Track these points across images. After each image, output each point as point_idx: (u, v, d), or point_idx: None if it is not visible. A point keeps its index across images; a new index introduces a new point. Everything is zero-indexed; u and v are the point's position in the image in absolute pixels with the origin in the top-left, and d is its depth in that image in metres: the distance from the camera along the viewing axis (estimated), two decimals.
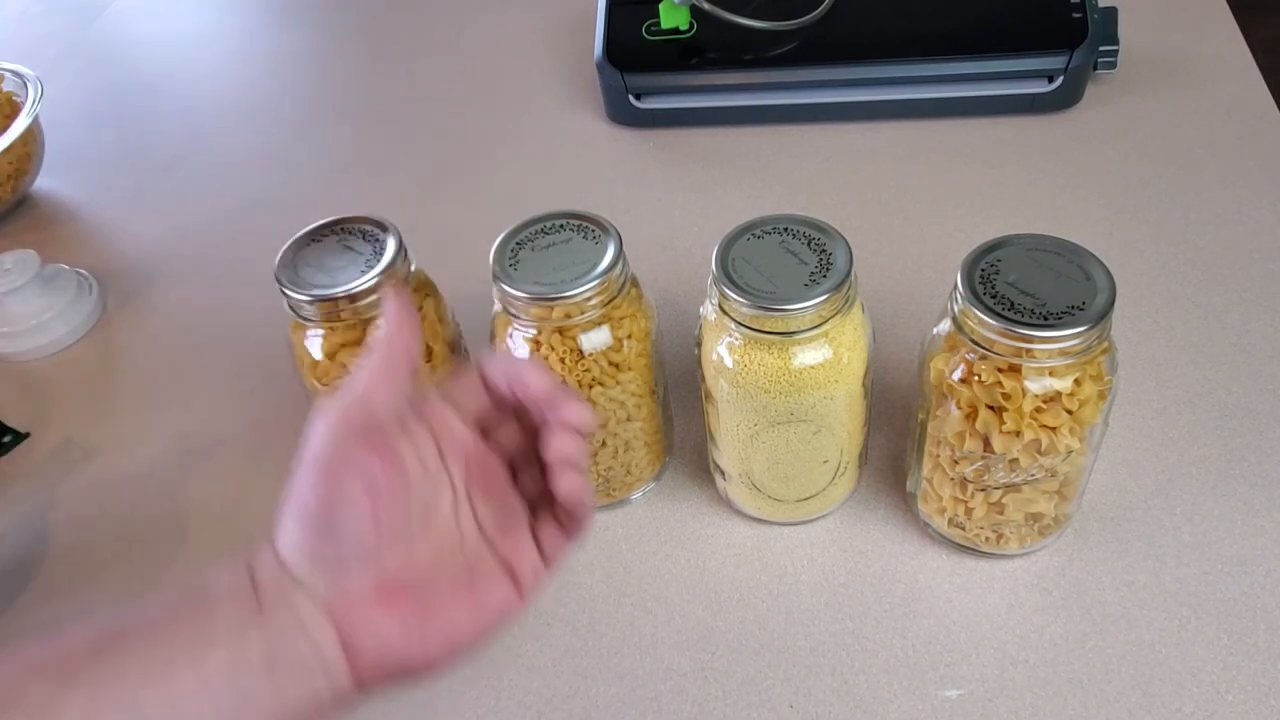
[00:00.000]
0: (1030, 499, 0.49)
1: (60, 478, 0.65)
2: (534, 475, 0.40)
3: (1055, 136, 0.79)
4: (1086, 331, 0.42)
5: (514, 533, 0.39)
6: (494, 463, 0.40)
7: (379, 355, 0.38)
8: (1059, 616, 0.51)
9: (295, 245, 0.52)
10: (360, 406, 0.37)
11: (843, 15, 0.80)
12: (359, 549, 0.35)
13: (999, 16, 0.79)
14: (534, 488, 0.40)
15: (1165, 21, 0.88)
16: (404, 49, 1.03)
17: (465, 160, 0.87)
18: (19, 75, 0.86)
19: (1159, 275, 0.67)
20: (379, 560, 0.36)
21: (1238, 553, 0.52)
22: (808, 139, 0.83)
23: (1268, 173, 0.74)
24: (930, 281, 0.69)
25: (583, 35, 0.94)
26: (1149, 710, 0.47)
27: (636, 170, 0.83)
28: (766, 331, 0.46)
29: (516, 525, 0.39)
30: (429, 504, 0.38)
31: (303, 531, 0.35)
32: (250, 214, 0.85)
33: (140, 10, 1.17)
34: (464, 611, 0.37)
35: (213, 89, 1.02)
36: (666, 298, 0.69)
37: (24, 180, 0.86)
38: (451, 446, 0.39)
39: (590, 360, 0.50)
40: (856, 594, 0.53)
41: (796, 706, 0.49)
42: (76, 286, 0.76)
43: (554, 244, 0.50)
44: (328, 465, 0.36)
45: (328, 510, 0.35)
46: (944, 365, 0.47)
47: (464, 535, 0.39)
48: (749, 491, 0.55)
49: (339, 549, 0.35)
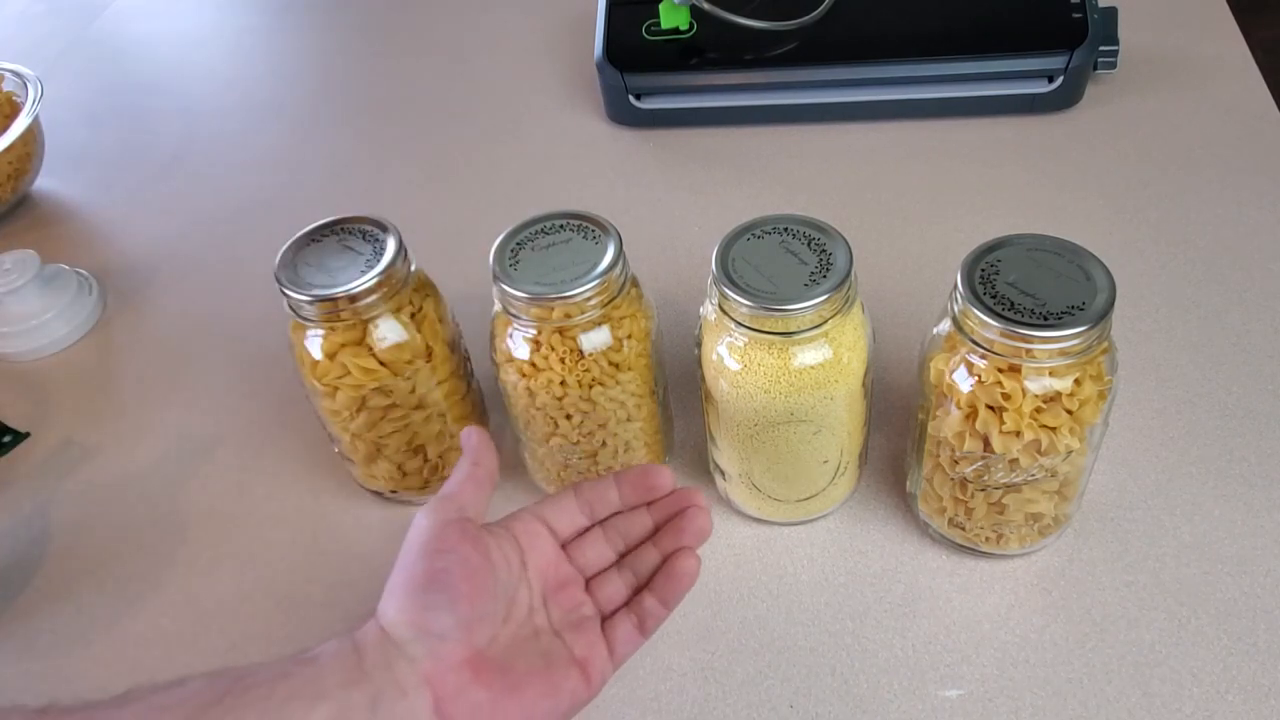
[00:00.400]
0: (1030, 499, 0.49)
1: (60, 478, 0.65)
2: (615, 586, 0.47)
3: (1055, 136, 0.79)
4: (1086, 331, 0.42)
5: (586, 632, 0.45)
6: (571, 573, 0.47)
7: (466, 470, 0.45)
8: (1059, 616, 0.51)
9: (295, 245, 0.52)
10: (455, 503, 0.43)
11: (843, 15, 0.80)
12: (456, 622, 0.40)
13: (999, 16, 0.79)
14: (614, 596, 0.47)
15: (1165, 21, 0.88)
16: (404, 49, 1.03)
17: (465, 160, 0.87)
18: (19, 75, 0.86)
19: (1159, 275, 0.67)
20: (471, 635, 0.41)
21: (1238, 553, 0.52)
22: (808, 139, 0.83)
23: (1268, 173, 0.74)
24: (930, 281, 0.69)
25: (583, 35, 0.94)
26: (1149, 710, 0.47)
27: (636, 170, 0.83)
28: (766, 331, 0.46)
29: (588, 626, 0.45)
30: (510, 599, 0.43)
31: (407, 603, 0.41)
32: (250, 214, 0.84)
33: (140, 10, 1.17)
34: (541, 693, 0.42)
35: (213, 89, 1.02)
36: (666, 298, 0.69)
37: (24, 180, 0.86)
38: (533, 555, 0.45)
39: (590, 360, 0.50)
40: (856, 594, 0.53)
41: (796, 706, 0.49)
42: (76, 286, 0.76)
43: (554, 244, 0.50)
44: (431, 547, 0.41)
45: (432, 585, 0.41)
46: (944, 365, 0.47)
47: (538, 630, 0.44)
48: (749, 491, 0.55)
49: (439, 621, 0.40)
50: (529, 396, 0.52)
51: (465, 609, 0.41)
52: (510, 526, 0.45)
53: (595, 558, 0.47)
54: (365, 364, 0.51)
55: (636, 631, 0.46)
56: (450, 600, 0.40)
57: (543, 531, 0.46)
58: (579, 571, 0.47)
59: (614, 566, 0.48)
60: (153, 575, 0.59)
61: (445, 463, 0.59)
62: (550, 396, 0.51)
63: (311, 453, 0.64)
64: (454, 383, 0.56)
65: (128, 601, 0.58)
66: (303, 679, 0.38)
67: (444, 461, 0.58)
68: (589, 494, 0.48)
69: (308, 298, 0.49)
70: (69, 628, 0.57)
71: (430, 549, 0.41)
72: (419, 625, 0.40)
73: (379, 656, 0.40)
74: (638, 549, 0.48)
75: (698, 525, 0.47)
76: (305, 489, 0.62)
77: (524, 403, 0.52)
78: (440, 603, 0.40)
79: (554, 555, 0.46)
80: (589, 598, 0.46)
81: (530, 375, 0.51)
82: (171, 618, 0.57)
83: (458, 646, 0.40)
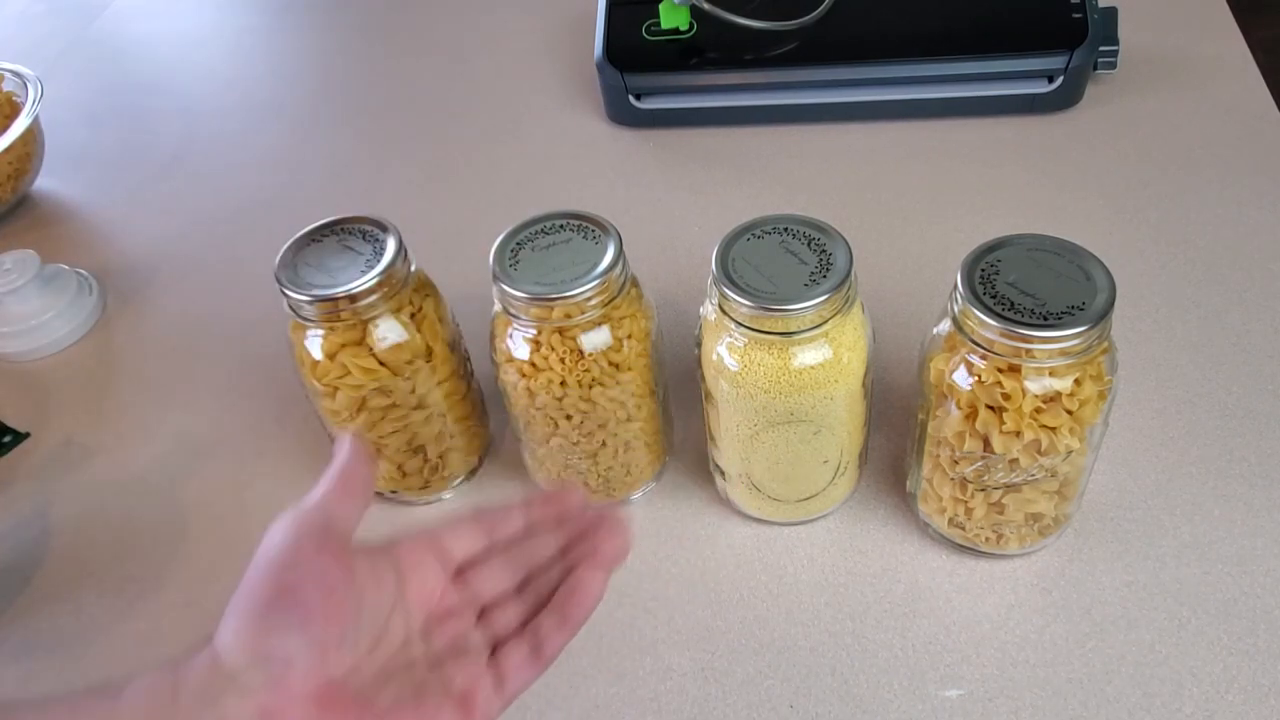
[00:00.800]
0: (1030, 499, 0.49)
1: (60, 478, 0.65)
2: (512, 615, 0.41)
3: (1055, 136, 0.79)
4: (1086, 331, 0.42)
5: (470, 664, 0.39)
6: (459, 602, 0.40)
7: (335, 477, 0.38)
8: (1059, 616, 0.51)
9: (295, 245, 0.52)
10: (319, 513, 0.37)
11: (843, 15, 0.80)
12: (306, 644, 0.34)
13: (999, 16, 0.79)
14: (510, 625, 0.41)
15: (1165, 21, 0.88)
16: (404, 49, 1.03)
17: (465, 160, 0.87)
18: (19, 75, 0.86)
19: (1159, 275, 0.67)
20: (324, 663, 0.35)
21: (1238, 553, 0.52)
22: (808, 139, 0.83)
23: (1268, 173, 0.74)
24: (930, 281, 0.69)
25: (583, 35, 0.94)
26: (1149, 710, 0.47)
27: (636, 170, 0.83)
28: (766, 331, 0.46)
29: (473, 657, 0.39)
30: (380, 627, 0.38)
31: (249, 626, 0.34)
32: (250, 214, 0.84)
33: (140, 10, 1.17)
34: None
35: (212, 89, 1.02)
36: (666, 298, 0.69)
37: (24, 180, 0.86)
38: (416, 579, 0.39)
39: (590, 360, 0.50)
40: (856, 594, 0.53)
41: (796, 706, 0.49)
42: (76, 286, 0.76)
43: (554, 244, 0.50)
44: (283, 562, 0.35)
45: (279, 602, 0.34)
46: (944, 365, 0.47)
47: (413, 662, 0.38)
48: (749, 491, 0.55)
49: (285, 644, 0.34)
50: (529, 396, 0.52)
51: (318, 630, 0.34)
52: (392, 549, 0.40)
53: (492, 585, 0.41)
54: (365, 364, 0.51)
55: (532, 659, 0.40)
56: (300, 620, 0.34)
57: (430, 555, 0.40)
58: (471, 599, 0.41)
59: (513, 596, 0.41)
60: (153, 575, 0.59)
61: (445, 463, 0.59)
62: (550, 396, 0.51)
63: (311, 453, 0.64)
64: (454, 383, 0.56)
65: (128, 601, 0.58)
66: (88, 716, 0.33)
67: (444, 462, 0.59)
68: (490, 517, 0.42)
69: (308, 298, 0.49)
70: (69, 628, 0.57)
71: (281, 563, 0.35)
72: (259, 650, 0.34)
73: (203, 690, 0.33)
74: (542, 575, 0.41)
75: (613, 544, 0.40)
76: (305, 489, 0.61)
77: (524, 403, 0.52)
78: (288, 623, 0.34)
79: (440, 581, 0.40)
80: (479, 628, 0.40)
81: (530, 375, 0.51)
82: (171, 618, 0.57)
83: (305, 675, 0.34)
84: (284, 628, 0.34)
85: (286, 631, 0.34)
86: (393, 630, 0.38)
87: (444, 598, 0.40)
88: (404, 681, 0.37)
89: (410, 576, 0.39)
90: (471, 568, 0.41)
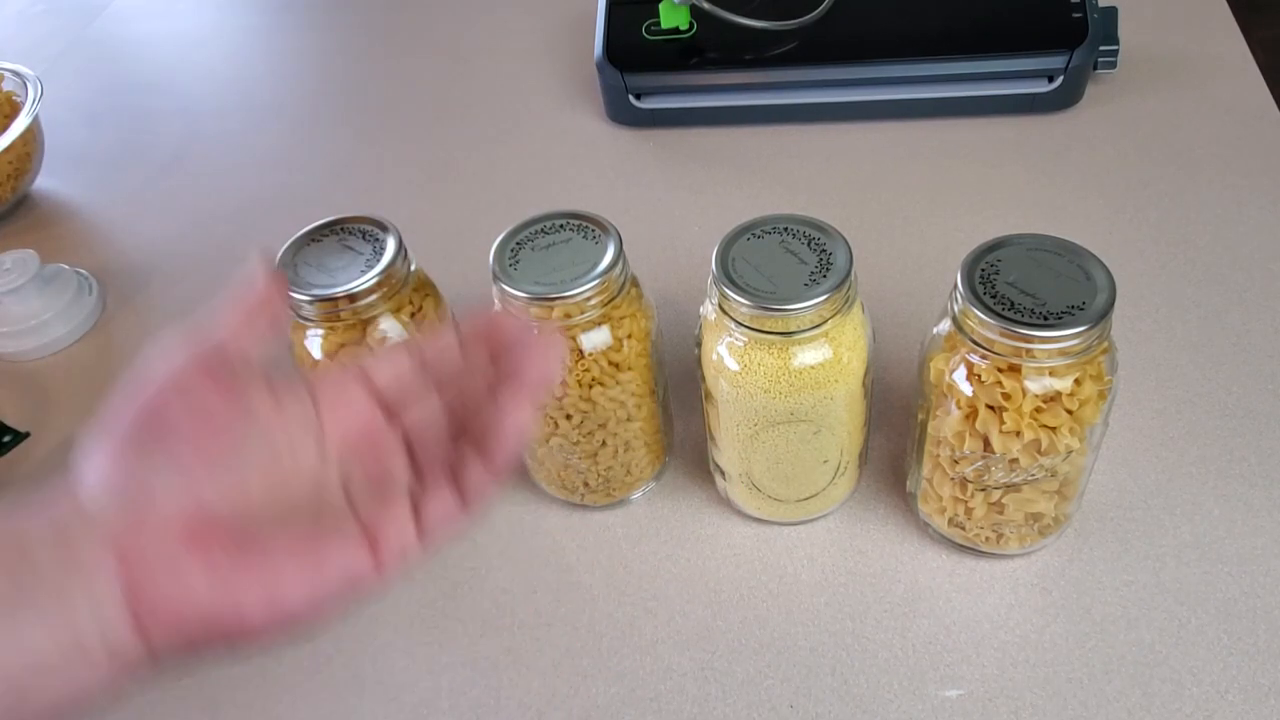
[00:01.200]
0: (1030, 499, 0.49)
1: (60, 478, 0.65)
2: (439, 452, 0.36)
3: (1055, 136, 0.79)
4: (1086, 331, 0.42)
5: (388, 501, 0.34)
6: (386, 435, 0.36)
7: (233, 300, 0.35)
8: (1059, 616, 0.51)
9: (295, 245, 0.52)
10: (207, 338, 0.34)
11: (842, 15, 0.80)
12: (172, 476, 0.30)
13: (999, 16, 0.79)
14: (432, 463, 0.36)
15: (1165, 21, 0.88)
16: (404, 49, 1.03)
17: (465, 160, 0.87)
18: (19, 75, 0.86)
19: (1159, 275, 0.67)
20: (196, 492, 0.31)
21: (1238, 553, 0.52)
22: (808, 139, 0.83)
23: (1268, 173, 0.74)
24: (930, 281, 0.69)
25: (583, 35, 0.94)
26: (1149, 710, 0.47)
27: (636, 170, 0.83)
28: (767, 331, 0.46)
29: (393, 495, 0.35)
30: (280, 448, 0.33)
31: (108, 457, 0.31)
32: (250, 214, 0.84)
33: (140, 10, 1.17)
34: (296, 567, 0.31)
35: (213, 89, 1.02)
36: (666, 298, 0.69)
37: (24, 180, 0.86)
38: (336, 406, 0.35)
39: (590, 360, 0.50)
40: (856, 594, 0.53)
41: (796, 706, 0.49)
42: (76, 286, 0.76)
43: (554, 244, 0.50)
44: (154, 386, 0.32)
45: (144, 432, 0.31)
46: (944, 365, 0.47)
47: (322, 489, 0.34)
48: (749, 491, 0.55)
49: (147, 476, 0.30)
50: None
51: (188, 458, 0.31)
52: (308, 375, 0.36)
53: (421, 415, 0.37)
54: None
55: (457, 503, 0.35)
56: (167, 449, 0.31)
57: (351, 380, 0.36)
58: (401, 432, 0.36)
59: (447, 434, 0.37)
60: None
61: None
62: (550, 396, 0.51)
63: None
64: None
65: None
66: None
67: None
68: (423, 343, 0.37)
69: (308, 297, 0.49)
70: None
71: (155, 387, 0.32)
72: (119, 486, 0.30)
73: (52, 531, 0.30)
74: (478, 412, 0.36)
75: (537, 367, 0.35)
76: None
77: None
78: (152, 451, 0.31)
79: (364, 410, 0.36)
80: (407, 463, 0.36)
81: None
82: None
83: (169, 508, 0.30)
84: (148, 456, 0.31)
85: (149, 464, 0.31)
86: (301, 461, 0.34)
87: (369, 425, 0.36)
88: (301, 516, 0.33)
89: (327, 403, 0.35)
90: (403, 403, 0.37)
